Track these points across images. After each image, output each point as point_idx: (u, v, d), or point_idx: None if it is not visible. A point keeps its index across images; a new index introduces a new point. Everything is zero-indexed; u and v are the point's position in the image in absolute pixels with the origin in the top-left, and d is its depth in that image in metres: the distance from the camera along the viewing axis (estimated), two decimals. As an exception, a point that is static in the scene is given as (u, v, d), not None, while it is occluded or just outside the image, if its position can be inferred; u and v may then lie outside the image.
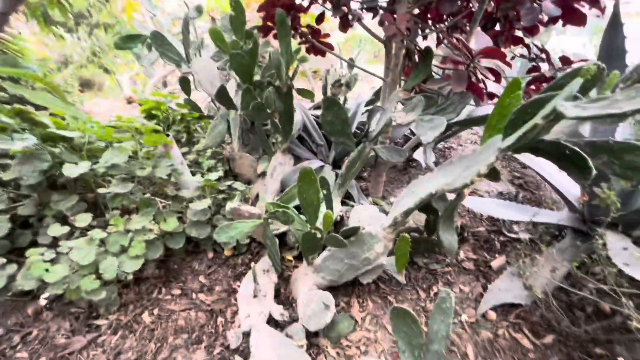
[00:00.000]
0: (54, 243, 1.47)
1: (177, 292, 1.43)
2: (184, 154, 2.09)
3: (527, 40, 1.59)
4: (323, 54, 2.01)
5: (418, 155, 2.09)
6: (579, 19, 1.11)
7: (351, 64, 2.38)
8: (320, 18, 1.84)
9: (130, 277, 1.33)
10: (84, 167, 1.39)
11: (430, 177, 1.12)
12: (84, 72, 5.31)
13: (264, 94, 1.60)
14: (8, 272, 1.28)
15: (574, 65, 1.42)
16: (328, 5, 1.79)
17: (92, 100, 4.78)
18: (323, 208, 1.25)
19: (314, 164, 1.93)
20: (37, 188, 1.44)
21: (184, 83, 2.33)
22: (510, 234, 1.66)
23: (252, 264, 1.39)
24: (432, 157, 1.39)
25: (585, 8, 1.13)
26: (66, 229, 1.37)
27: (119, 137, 1.44)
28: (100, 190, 1.42)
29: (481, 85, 1.07)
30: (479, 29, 1.15)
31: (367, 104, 2.37)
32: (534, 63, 1.59)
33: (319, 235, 1.24)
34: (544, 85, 1.51)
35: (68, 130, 1.45)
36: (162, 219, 1.49)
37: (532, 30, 1.52)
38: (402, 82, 1.52)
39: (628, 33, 1.18)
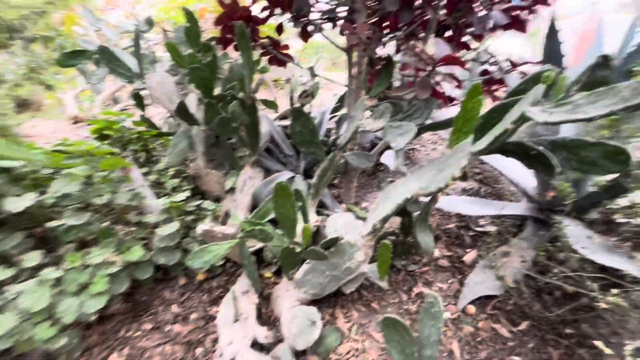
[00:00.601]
0: (-4, 288, 1.30)
1: (148, 326, 1.32)
2: (144, 175, 1.96)
3: (474, 45, 1.70)
4: (284, 64, 2.00)
5: (385, 159, 2.14)
6: (522, 26, 1.20)
7: (313, 73, 2.40)
8: (279, 29, 1.83)
9: (94, 316, 1.21)
10: (29, 199, 1.24)
11: (404, 181, 1.15)
12: (20, 92, 4.82)
13: (229, 108, 1.55)
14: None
15: (520, 68, 1.54)
16: (287, 15, 1.79)
17: (32, 122, 4.35)
18: (300, 221, 1.22)
19: (285, 175, 1.90)
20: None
21: (138, 99, 2.19)
22: (478, 228, 1.74)
23: (231, 288, 1.33)
24: (403, 162, 1.42)
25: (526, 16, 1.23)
26: (12, 271, 1.21)
27: (69, 164, 1.30)
28: (51, 224, 1.28)
29: (441, 90, 1.12)
30: (439, 38, 1.21)
31: (332, 111, 2.39)
32: (484, 67, 1.70)
33: (298, 250, 1.21)
34: (495, 87, 1.62)
35: (7, 160, 1.29)
36: (126, 249, 1.37)
37: (479, 37, 1.63)
38: (366, 89, 1.54)
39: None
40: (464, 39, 1.62)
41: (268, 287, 1.50)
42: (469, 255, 1.58)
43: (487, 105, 1.20)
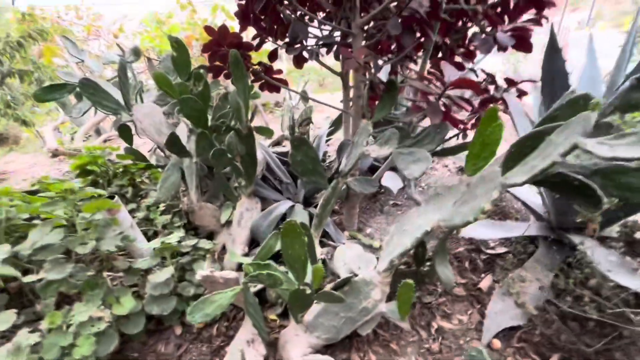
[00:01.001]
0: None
1: (141, 389, 1.17)
2: (131, 212, 1.83)
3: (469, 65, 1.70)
4: (278, 89, 1.95)
5: (386, 181, 2.07)
6: (528, 47, 1.19)
7: (305, 97, 2.36)
8: (273, 55, 1.79)
9: (77, 385, 1.05)
10: (3, 252, 1.10)
11: (421, 212, 1.07)
12: (-6, 126, 4.61)
13: (226, 140, 1.46)
14: None
15: (520, 86, 1.53)
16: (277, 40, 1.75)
17: (8, 157, 4.13)
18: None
19: (284, 205, 1.80)
20: None
21: (124, 131, 2.08)
22: (489, 251, 1.68)
23: (235, 336, 1.19)
24: (415, 189, 1.35)
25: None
26: (-20, 338, 1.06)
27: (49, 211, 1.17)
28: (28, 279, 1.13)
29: (452, 114, 1.08)
30: (445, 61, 1.17)
31: (327, 135, 2.34)
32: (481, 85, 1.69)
33: (308, 292, 1.10)
34: (492, 105, 1.60)
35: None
36: (114, 300, 1.23)
37: (470, 55, 1.63)
38: (368, 114, 1.49)
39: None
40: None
41: (274, 332, 1.37)
42: (485, 282, 1.51)
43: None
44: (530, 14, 1.36)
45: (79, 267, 1.21)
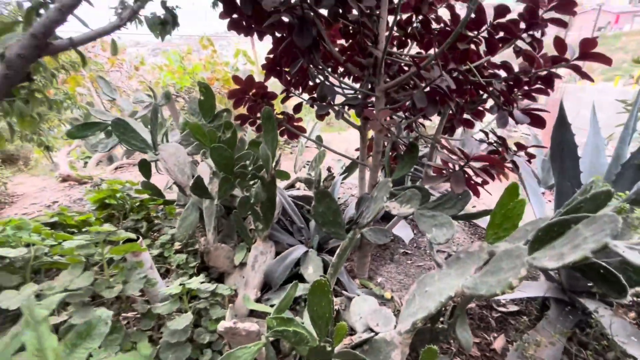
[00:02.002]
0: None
1: None
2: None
3: (481, 126, 1.81)
4: (297, 137, 2.05)
5: (397, 231, 2.12)
6: (541, 124, 1.30)
7: (319, 143, 2.46)
8: (297, 108, 1.91)
9: None
10: (27, 294, 1.12)
11: (442, 275, 1.11)
12: (7, 146, 4.70)
13: (254, 190, 1.53)
14: None
15: (530, 150, 1.63)
16: (302, 93, 1.88)
17: (17, 178, 4.17)
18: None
19: (298, 250, 1.83)
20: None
21: (144, 167, 2.16)
22: (500, 308, 1.69)
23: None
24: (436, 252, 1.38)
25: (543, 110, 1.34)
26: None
27: (83, 254, 1.20)
28: (53, 320, 1.13)
29: (473, 183, 1.15)
30: (470, 136, 1.28)
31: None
32: (492, 147, 1.79)
33: (329, 349, 1.11)
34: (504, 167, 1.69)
35: (7, 248, 1.18)
36: (130, 346, 1.22)
37: (479, 115, 1.75)
38: (388, 171, 1.57)
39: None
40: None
41: (286, 386, 1.34)
42: (498, 342, 1.50)
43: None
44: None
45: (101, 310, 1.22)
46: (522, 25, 1.46)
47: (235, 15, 1.58)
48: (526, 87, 1.48)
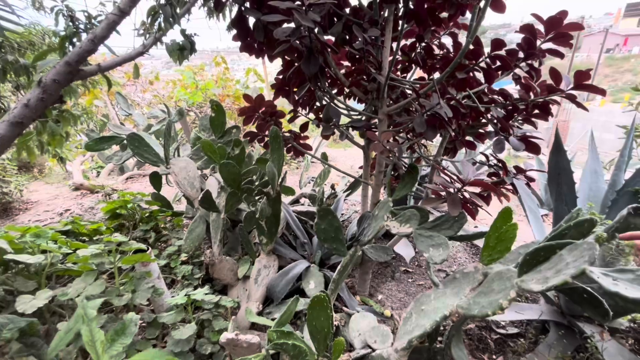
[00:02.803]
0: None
1: None
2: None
3: (483, 150, 1.86)
4: (303, 154, 2.12)
5: (398, 249, 2.15)
6: (536, 150, 1.35)
7: (325, 161, 2.54)
8: (304, 127, 1.99)
9: None
10: (43, 298, 1.18)
11: (438, 294, 1.15)
12: (23, 154, 4.87)
13: (260, 206, 1.59)
14: None
15: (527, 174, 1.67)
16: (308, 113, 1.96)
17: (32, 186, 4.30)
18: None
19: (301, 265, 1.88)
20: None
21: (155, 179, 2.24)
22: (500, 330, 1.69)
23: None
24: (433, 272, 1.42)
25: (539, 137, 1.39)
26: (7, 383, 1.09)
27: (96, 262, 1.27)
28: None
29: (469, 205, 1.20)
30: (459, 156, 1.33)
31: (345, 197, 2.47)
32: (492, 169, 1.84)
33: (327, 364, 1.14)
34: (503, 187, 1.73)
35: (27, 255, 1.25)
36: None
37: (481, 138, 1.80)
38: (389, 191, 1.62)
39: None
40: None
41: (284, 400, 1.36)
42: (496, 364, 1.51)
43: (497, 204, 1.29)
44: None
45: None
46: (521, 54, 1.54)
47: (248, 39, 1.69)
48: (524, 114, 1.55)
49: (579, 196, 1.43)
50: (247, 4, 1.45)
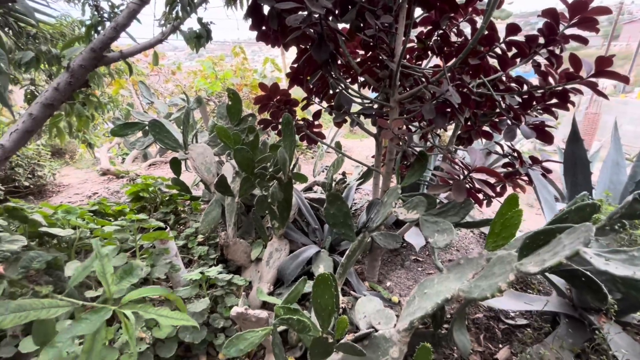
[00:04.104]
0: (18, 355, 1.28)
1: (166, 413, 1.25)
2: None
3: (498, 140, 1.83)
4: (316, 142, 2.15)
5: (409, 237, 2.16)
6: (549, 139, 1.32)
7: (339, 150, 2.56)
8: (316, 115, 2.01)
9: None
10: (71, 269, 1.29)
11: (443, 279, 1.17)
12: (56, 141, 5.17)
13: (271, 190, 1.65)
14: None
15: (544, 164, 1.63)
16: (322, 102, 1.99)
17: (64, 170, 4.58)
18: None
19: (311, 249, 1.93)
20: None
21: (175, 165, 2.34)
22: (508, 320, 1.69)
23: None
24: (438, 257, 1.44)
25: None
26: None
27: (119, 238, 1.37)
28: (89, 294, 1.30)
29: (475, 193, 1.20)
30: (474, 146, 1.33)
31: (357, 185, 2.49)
32: (507, 159, 1.80)
33: (330, 340, 1.19)
34: (518, 178, 1.70)
35: (58, 229, 1.37)
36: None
37: (497, 127, 1.77)
38: (398, 178, 1.63)
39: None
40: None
41: (291, 374, 1.43)
42: (502, 353, 1.51)
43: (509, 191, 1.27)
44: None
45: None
46: (542, 40, 1.49)
47: (263, 28, 1.72)
48: (543, 102, 1.51)
49: (598, 187, 1.39)
50: (261, -8, 1.48)
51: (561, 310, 1.57)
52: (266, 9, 1.54)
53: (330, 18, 1.53)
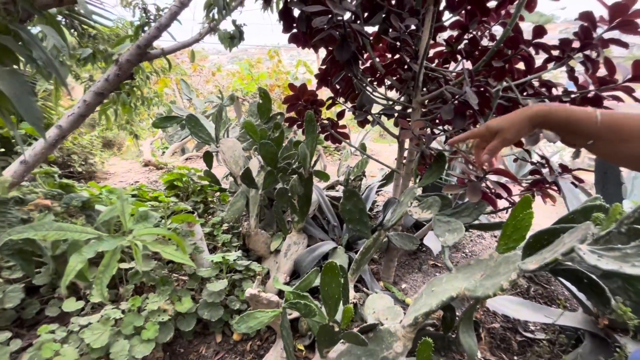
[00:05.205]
0: (61, 316, 1.45)
1: (181, 381, 1.36)
2: (200, 226, 2.15)
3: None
4: (340, 142, 2.21)
5: (428, 241, 2.14)
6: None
7: (363, 151, 2.59)
8: (340, 115, 2.07)
9: (137, 362, 1.28)
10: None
11: (451, 278, 1.17)
12: (107, 134, 5.68)
13: (290, 182, 1.72)
14: (12, 349, 1.24)
15: (574, 173, 1.56)
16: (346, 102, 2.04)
17: (111, 160, 5.01)
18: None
19: (327, 245, 1.98)
20: (57, 258, 1.47)
21: (208, 158, 2.50)
22: (526, 333, 1.62)
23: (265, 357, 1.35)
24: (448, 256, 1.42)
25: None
26: (80, 304, 1.37)
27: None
28: (123, 265, 1.45)
29: (491, 195, 1.19)
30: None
31: (378, 187, 2.51)
32: (534, 167, 1.74)
33: (336, 329, 1.23)
34: (546, 186, 1.64)
35: (102, 205, 1.54)
36: (177, 299, 1.48)
37: None
38: (416, 178, 1.64)
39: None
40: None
41: (299, 361, 1.49)
42: (516, 365, 1.46)
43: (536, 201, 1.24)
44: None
45: (158, 264, 1.51)
46: (577, 44, 1.45)
47: (294, 30, 1.82)
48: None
49: (629, 198, 1.32)
50: (292, -4, 1.57)
51: (586, 328, 1.49)
52: (296, 12, 1.63)
53: (358, 22, 1.59)
